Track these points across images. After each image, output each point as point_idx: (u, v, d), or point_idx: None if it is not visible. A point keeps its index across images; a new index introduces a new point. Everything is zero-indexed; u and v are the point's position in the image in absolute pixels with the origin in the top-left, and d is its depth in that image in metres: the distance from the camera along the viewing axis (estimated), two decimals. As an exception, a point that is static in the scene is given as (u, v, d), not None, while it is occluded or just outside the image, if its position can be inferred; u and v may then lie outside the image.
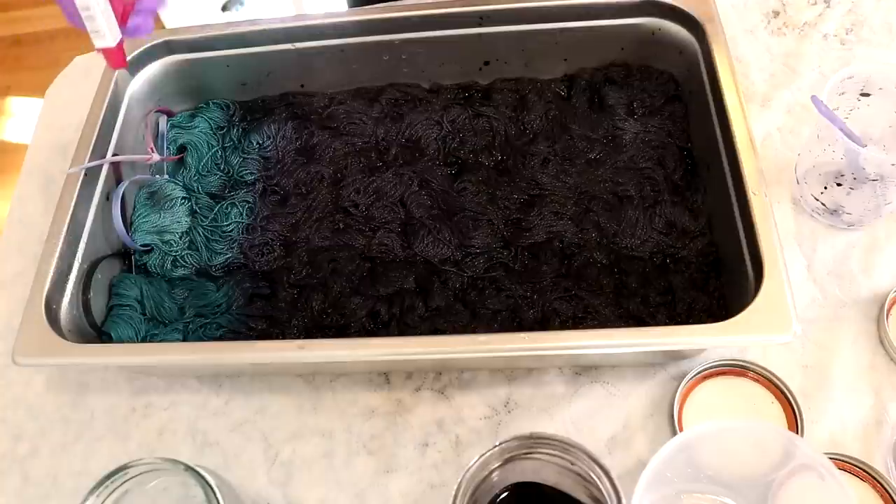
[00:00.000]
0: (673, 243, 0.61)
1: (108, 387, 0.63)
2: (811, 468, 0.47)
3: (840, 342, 0.59)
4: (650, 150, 0.65)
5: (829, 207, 0.63)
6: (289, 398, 0.61)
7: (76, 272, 0.60)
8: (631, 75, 0.69)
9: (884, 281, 0.62)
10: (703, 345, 0.55)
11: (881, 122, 0.62)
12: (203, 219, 0.66)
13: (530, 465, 0.47)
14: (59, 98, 0.82)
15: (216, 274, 0.64)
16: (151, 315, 0.62)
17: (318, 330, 0.60)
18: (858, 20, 0.77)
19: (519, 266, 0.61)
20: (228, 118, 0.72)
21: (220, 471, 0.57)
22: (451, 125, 0.68)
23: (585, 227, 0.62)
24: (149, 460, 0.48)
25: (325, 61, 0.70)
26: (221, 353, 0.54)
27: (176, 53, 0.70)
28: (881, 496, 0.53)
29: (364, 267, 0.63)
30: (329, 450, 0.59)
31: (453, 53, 0.70)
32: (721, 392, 0.57)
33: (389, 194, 0.65)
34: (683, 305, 0.58)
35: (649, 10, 0.66)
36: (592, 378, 0.60)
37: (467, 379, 0.60)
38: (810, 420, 0.56)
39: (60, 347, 0.54)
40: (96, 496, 0.47)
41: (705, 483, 0.52)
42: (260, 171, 0.68)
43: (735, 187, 0.57)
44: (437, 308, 0.60)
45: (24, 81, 1.97)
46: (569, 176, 0.65)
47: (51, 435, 0.62)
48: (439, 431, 0.59)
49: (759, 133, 0.69)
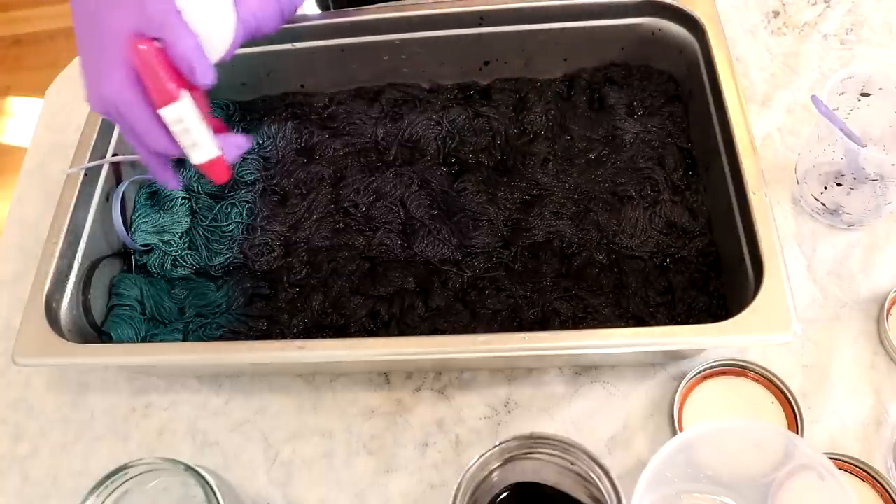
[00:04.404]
0: (673, 243, 0.61)
1: (108, 387, 0.63)
2: (811, 468, 0.47)
3: (840, 342, 0.59)
4: (650, 150, 0.65)
5: (829, 207, 0.63)
6: (289, 398, 0.61)
7: (76, 272, 0.60)
8: (631, 75, 0.69)
9: (884, 281, 0.62)
10: (703, 345, 0.55)
11: (881, 122, 0.62)
12: (203, 219, 0.66)
13: (530, 465, 0.47)
14: (59, 98, 0.82)
15: (216, 274, 0.64)
16: (151, 315, 0.62)
17: (318, 330, 0.60)
18: (858, 20, 0.77)
19: (519, 266, 0.61)
20: (228, 118, 0.72)
21: (220, 471, 0.57)
22: (451, 125, 0.68)
23: (585, 227, 0.62)
24: (149, 460, 0.48)
25: (325, 61, 0.70)
26: (221, 353, 0.54)
27: (176, 53, 0.70)
28: (881, 496, 0.53)
29: (364, 267, 0.63)
30: (329, 450, 0.59)
31: (453, 53, 0.70)
32: (721, 392, 0.57)
33: (389, 194, 0.65)
34: (683, 305, 0.58)
35: (649, 10, 0.66)
36: (592, 378, 0.60)
37: (467, 379, 0.60)
38: (810, 420, 0.56)
39: (60, 347, 0.54)
40: (96, 496, 0.47)
41: (705, 483, 0.52)
42: (260, 171, 0.68)
43: (735, 187, 0.57)
44: (437, 308, 0.60)
45: (24, 81, 1.97)
46: (569, 176, 0.65)
47: (51, 435, 0.62)
48: (439, 431, 0.59)
49: (759, 133, 0.69)
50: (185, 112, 0.48)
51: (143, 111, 0.48)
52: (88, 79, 0.50)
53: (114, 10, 0.48)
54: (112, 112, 0.49)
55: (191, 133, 0.49)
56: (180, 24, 0.47)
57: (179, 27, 0.47)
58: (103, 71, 0.48)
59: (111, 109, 0.49)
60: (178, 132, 0.49)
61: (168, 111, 0.48)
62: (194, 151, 0.50)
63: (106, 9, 0.48)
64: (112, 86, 0.48)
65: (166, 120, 0.48)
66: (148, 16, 0.47)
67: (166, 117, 0.48)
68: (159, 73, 0.47)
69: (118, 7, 0.48)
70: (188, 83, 0.48)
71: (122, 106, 0.48)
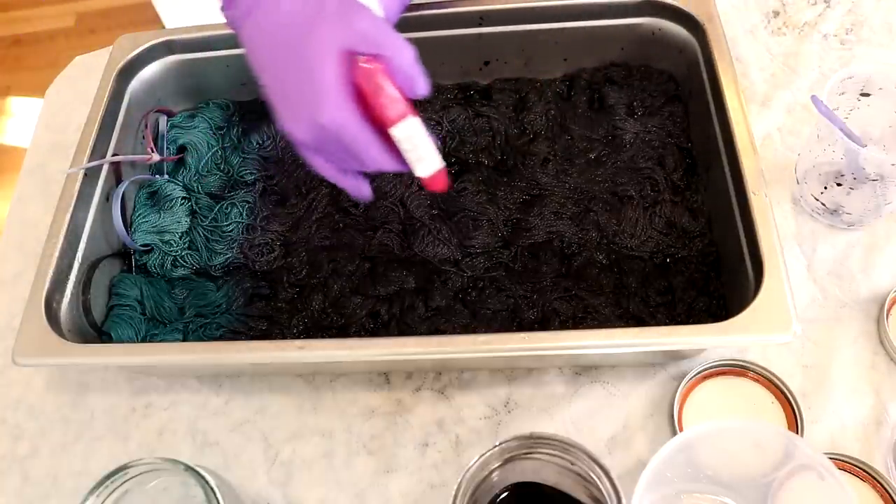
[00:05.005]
0: (673, 243, 0.61)
1: (108, 387, 0.63)
2: (811, 468, 0.47)
3: (840, 342, 0.59)
4: (650, 150, 0.65)
5: (829, 207, 0.63)
6: (289, 398, 0.61)
7: (76, 272, 0.60)
8: (631, 75, 0.69)
9: (884, 281, 0.62)
10: (703, 345, 0.55)
11: (881, 122, 0.62)
12: (203, 219, 0.66)
13: (530, 465, 0.47)
14: (59, 98, 0.82)
15: (216, 274, 0.64)
16: (151, 315, 0.62)
17: (318, 330, 0.60)
18: (858, 20, 0.77)
19: (519, 266, 0.61)
20: (228, 118, 0.72)
21: (220, 471, 0.57)
22: (451, 125, 0.68)
23: (585, 227, 0.62)
24: (149, 460, 0.48)
25: (325, 61, 0.70)
26: (221, 353, 0.54)
27: (176, 53, 0.70)
28: (881, 496, 0.53)
29: (364, 267, 0.63)
30: (329, 450, 0.59)
31: (453, 53, 0.70)
32: (721, 392, 0.57)
33: (389, 194, 0.65)
34: (683, 305, 0.58)
35: (649, 10, 0.66)
36: (592, 378, 0.60)
37: (467, 379, 0.60)
38: (810, 420, 0.56)
39: (60, 347, 0.54)
40: (96, 496, 0.47)
41: (705, 483, 0.52)
42: (260, 171, 0.68)
43: (735, 187, 0.57)
44: (437, 308, 0.60)
45: (24, 81, 1.97)
46: (569, 176, 0.65)
47: (51, 435, 0.62)
48: (439, 431, 0.59)
49: (759, 133, 0.69)
50: (417, 128, 0.45)
51: (366, 132, 0.45)
52: (290, 109, 0.46)
53: (316, 31, 0.45)
54: (329, 138, 0.46)
55: (419, 148, 0.46)
56: (396, 37, 0.45)
57: (397, 39, 0.45)
58: (318, 97, 0.45)
59: (329, 136, 0.46)
60: (407, 148, 0.46)
61: (401, 129, 0.45)
62: (420, 165, 0.47)
63: (306, 32, 0.45)
64: (332, 110, 0.44)
65: (398, 138, 0.45)
66: (361, 32, 0.45)
67: (399, 135, 0.45)
68: (388, 90, 0.44)
69: (320, 27, 0.45)
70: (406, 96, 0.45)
71: (345, 130, 0.45)
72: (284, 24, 0.47)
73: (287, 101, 0.47)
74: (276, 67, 0.48)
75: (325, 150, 0.48)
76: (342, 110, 0.45)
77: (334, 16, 0.45)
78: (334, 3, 0.46)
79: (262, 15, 0.48)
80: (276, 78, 0.48)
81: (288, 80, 0.47)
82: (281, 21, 0.47)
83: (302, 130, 0.46)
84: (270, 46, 0.48)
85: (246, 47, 0.50)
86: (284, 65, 0.47)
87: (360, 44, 0.45)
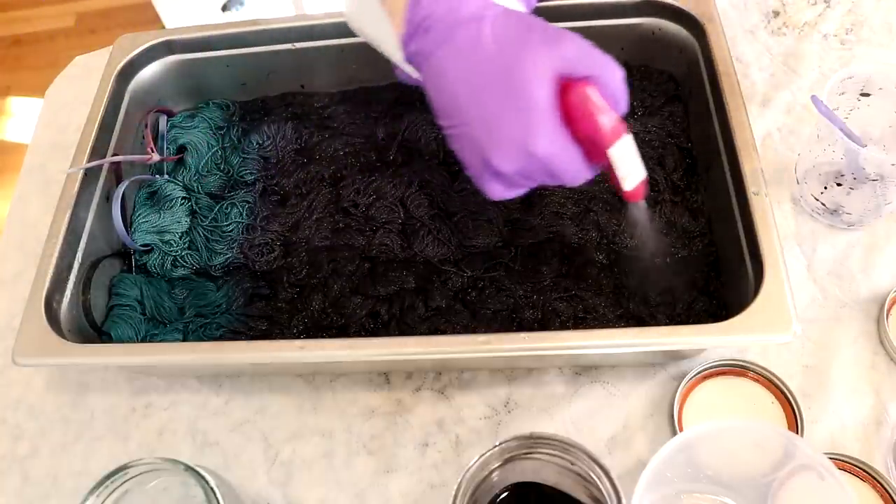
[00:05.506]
0: (673, 243, 0.61)
1: (108, 387, 0.63)
2: (811, 468, 0.47)
3: (840, 342, 0.59)
4: (650, 150, 0.65)
5: (829, 207, 0.63)
6: (289, 398, 0.61)
7: (76, 272, 0.60)
8: (631, 75, 0.69)
9: (884, 281, 0.62)
10: (703, 345, 0.55)
11: (881, 122, 0.62)
12: (203, 219, 0.66)
13: (530, 465, 0.47)
14: (59, 98, 0.82)
15: (216, 274, 0.64)
16: (151, 315, 0.62)
17: (318, 330, 0.60)
18: (858, 20, 0.77)
19: (519, 266, 0.61)
20: (228, 118, 0.72)
21: (220, 471, 0.57)
22: (451, 125, 0.68)
23: (585, 227, 0.62)
24: (149, 460, 0.48)
25: (325, 61, 0.70)
26: (221, 353, 0.54)
27: (176, 53, 0.70)
28: (881, 496, 0.53)
29: (364, 267, 0.63)
30: (329, 450, 0.59)
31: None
32: (721, 392, 0.57)
33: (389, 194, 0.65)
34: (683, 305, 0.58)
35: (649, 10, 0.66)
36: (592, 378, 0.60)
37: (467, 379, 0.60)
38: (810, 420, 0.56)
39: (60, 347, 0.54)
40: (96, 496, 0.47)
41: (705, 483, 0.52)
42: (260, 171, 0.68)
43: (735, 187, 0.57)
44: (437, 308, 0.60)
45: (24, 81, 1.97)
46: (569, 176, 0.65)
47: (51, 435, 0.62)
48: (439, 431, 0.59)
49: (759, 133, 0.69)
50: (632, 144, 0.46)
51: (577, 156, 0.45)
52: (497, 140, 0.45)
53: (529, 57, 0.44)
54: (537, 166, 0.45)
55: (630, 163, 0.46)
56: (606, 56, 0.45)
57: (607, 60, 0.45)
58: (532, 125, 0.44)
59: (537, 163, 0.45)
60: (620, 165, 0.46)
61: (618, 148, 0.45)
62: (629, 179, 0.47)
63: (516, 59, 0.44)
64: (546, 138, 0.44)
65: (615, 157, 0.45)
66: (573, 55, 0.44)
67: (616, 154, 0.45)
68: (606, 111, 0.44)
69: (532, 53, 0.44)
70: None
71: (559, 156, 0.45)
72: (489, 52, 0.45)
73: (493, 133, 0.45)
74: (479, 98, 0.46)
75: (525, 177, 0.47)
76: (557, 136, 0.44)
77: (544, 40, 0.44)
78: (540, 28, 0.45)
79: (461, 44, 0.46)
80: (478, 108, 0.46)
81: (494, 111, 0.45)
82: (485, 49, 0.45)
83: (511, 161, 0.45)
84: (472, 76, 0.46)
85: (434, 81, 0.48)
86: (490, 94, 0.45)
87: (574, 66, 0.44)
